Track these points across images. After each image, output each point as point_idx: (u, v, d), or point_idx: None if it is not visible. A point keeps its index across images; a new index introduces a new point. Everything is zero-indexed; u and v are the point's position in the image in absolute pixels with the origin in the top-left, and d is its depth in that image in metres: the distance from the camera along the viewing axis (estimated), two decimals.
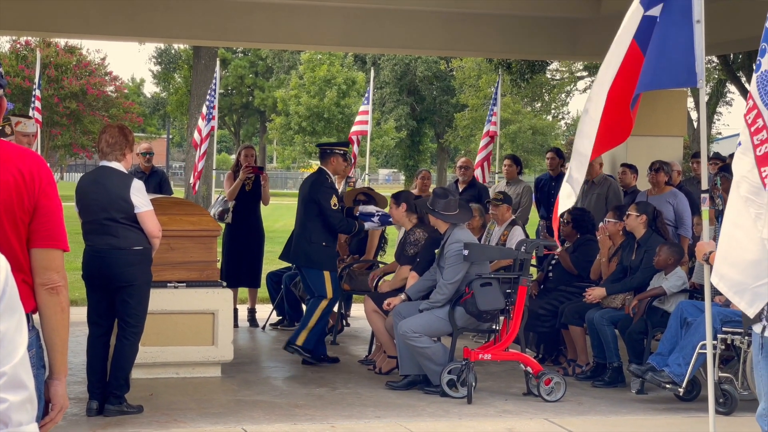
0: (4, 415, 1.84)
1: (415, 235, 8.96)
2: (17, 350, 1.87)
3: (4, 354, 1.85)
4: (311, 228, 9.04)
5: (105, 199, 7.08)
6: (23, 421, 1.87)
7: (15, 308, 1.90)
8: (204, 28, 12.13)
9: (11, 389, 1.85)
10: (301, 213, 9.23)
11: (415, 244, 8.94)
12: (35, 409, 1.90)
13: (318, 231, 9.01)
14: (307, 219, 9.09)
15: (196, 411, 7.43)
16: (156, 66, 59.77)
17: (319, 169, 9.29)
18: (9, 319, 1.88)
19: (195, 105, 26.03)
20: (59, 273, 3.45)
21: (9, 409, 1.85)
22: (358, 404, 7.78)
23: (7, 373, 1.85)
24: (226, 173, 11.60)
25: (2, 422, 1.84)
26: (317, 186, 9.09)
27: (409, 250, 8.99)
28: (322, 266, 9.01)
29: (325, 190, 9.05)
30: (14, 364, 1.86)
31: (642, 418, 7.56)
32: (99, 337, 7.31)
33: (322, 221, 9.01)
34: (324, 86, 47.41)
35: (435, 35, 12.73)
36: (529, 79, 21.52)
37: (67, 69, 38.45)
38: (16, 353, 1.87)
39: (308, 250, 9.05)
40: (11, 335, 1.87)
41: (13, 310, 1.89)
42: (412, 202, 9.06)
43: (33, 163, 3.42)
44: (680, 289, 8.47)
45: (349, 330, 11.31)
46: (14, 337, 1.88)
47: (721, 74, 30.29)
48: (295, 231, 9.37)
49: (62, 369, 3.50)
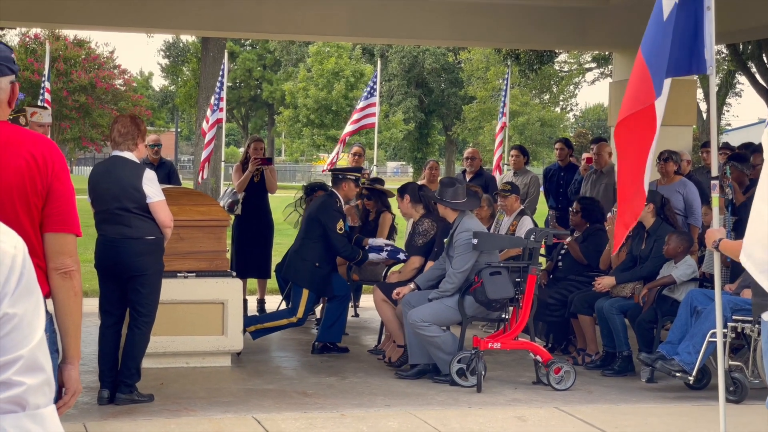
0: (21, 398, 1.85)
1: (423, 226, 8.98)
2: (35, 333, 1.88)
3: (21, 337, 1.85)
4: (308, 246, 9.13)
5: (117, 188, 7.10)
6: (41, 404, 1.87)
7: (32, 291, 1.90)
8: (212, 18, 12.14)
9: (29, 372, 1.85)
10: (303, 231, 9.34)
11: (424, 235, 8.95)
12: (53, 391, 1.91)
13: (314, 251, 9.09)
14: (307, 237, 9.18)
15: (207, 400, 7.45)
16: (164, 59, 59.85)
17: (330, 192, 9.36)
18: (26, 302, 1.88)
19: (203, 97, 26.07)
20: (72, 257, 3.47)
21: (27, 392, 1.85)
22: (368, 393, 7.79)
23: (25, 356, 1.85)
24: (234, 165, 11.62)
25: (20, 405, 1.84)
26: (325, 208, 9.17)
27: (417, 240, 9.00)
28: (305, 284, 9.10)
29: (333, 213, 9.12)
30: (32, 347, 1.86)
31: (652, 407, 7.56)
32: (110, 327, 7.34)
33: (322, 243, 9.09)
34: (332, 79, 47.40)
35: (443, 25, 12.71)
36: (538, 70, 21.49)
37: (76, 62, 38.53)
38: (33, 336, 1.87)
39: (299, 267, 9.16)
40: (29, 318, 1.87)
41: (31, 293, 1.89)
42: (417, 192, 9.07)
43: (45, 148, 3.44)
44: (690, 277, 8.46)
45: (359, 320, 11.32)
46: (32, 320, 1.88)
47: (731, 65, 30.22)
48: (293, 247, 9.49)
49: (75, 353, 3.51)
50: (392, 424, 6.87)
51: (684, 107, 12.94)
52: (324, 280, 9.14)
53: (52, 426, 1.87)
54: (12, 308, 1.83)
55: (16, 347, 1.83)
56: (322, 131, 47.64)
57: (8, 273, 1.84)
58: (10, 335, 1.83)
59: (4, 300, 1.83)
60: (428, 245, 8.94)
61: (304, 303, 9.10)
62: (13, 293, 1.84)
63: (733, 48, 21.67)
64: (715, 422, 6.04)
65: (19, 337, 1.84)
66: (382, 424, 6.87)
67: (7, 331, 1.83)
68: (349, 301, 9.65)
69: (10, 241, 1.88)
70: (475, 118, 47.77)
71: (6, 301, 1.83)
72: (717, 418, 5.91)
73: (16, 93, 3.45)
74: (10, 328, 1.83)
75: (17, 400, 1.83)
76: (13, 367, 1.82)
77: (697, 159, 15.97)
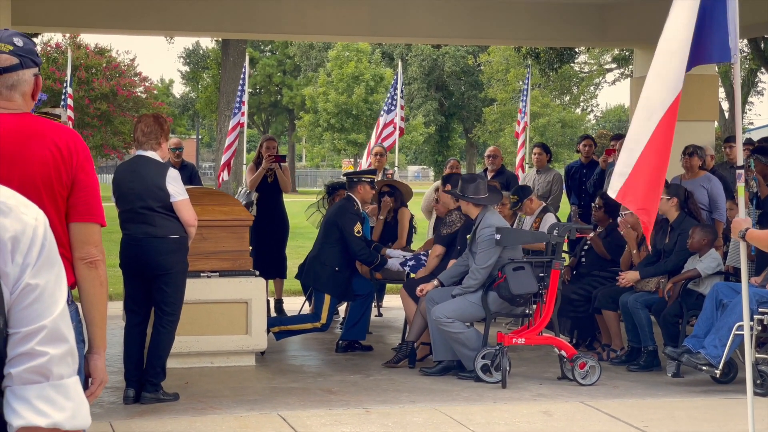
0: (45, 368, 1.86)
1: (451, 217, 8.99)
2: (57, 303, 1.89)
3: (44, 307, 1.87)
4: (327, 251, 9.15)
5: (141, 187, 7.12)
6: (64, 374, 1.88)
7: (54, 262, 1.91)
8: (232, 20, 12.17)
9: (52, 342, 1.86)
10: (321, 236, 9.37)
11: (449, 225, 8.96)
12: (76, 362, 1.91)
13: (333, 255, 9.12)
14: (326, 242, 9.21)
15: (232, 398, 7.46)
16: (184, 66, 60.08)
17: (347, 196, 9.39)
18: (48, 273, 1.89)
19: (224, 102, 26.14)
20: (97, 247, 3.48)
21: (50, 362, 1.86)
22: (393, 390, 7.78)
23: (48, 326, 1.86)
24: (248, 166, 11.63)
25: (44, 375, 1.85)
26: (342, 212, 9.20)
27: (443, 230, 9.02)
28: (326, 289, 9.13)
29: (350, 216, 9.15)
30: (54, 317, 1.87)
31: (678, 401, 7.51)
32: (136, 326, 7.37)
33: (341, 247, 9.11)
34: (352, 83, 47.46)
35: (463, 24, 12.70)
36: (558, 69, 21.44)
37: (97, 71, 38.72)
38: (56, 306, 1.88)
39: (319, 272, 9.19)
40: (51, 288, 1.89)
41: (52, 264, 1.90)
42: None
43: (70, 138, 3.45)
44: (715, 270, 8.41)
45: (382, 320, 11.32)
46: (54, 291, 1.89)
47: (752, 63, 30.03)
48: (312, 253, 9.51)
49: (101, 343, 3.52)
50: (417, 419, 6.86)
51: (707, 102, 12.87)
52: (345, 285, 9.17)
53: (76, 396, 1.88)
54: (34, 279, 1.85)
55: (39, 318, 1.85)
56: (343, 135, 47.69)
57: (30, 244, 1.86)
58: (33, 306, 1.85)
59: (26, 271, 1.85)
60: (451, 237, 8.93)
61: (327, 308, 9.12)
62: (34, 264, 1.86)
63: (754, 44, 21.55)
64: (743, 415, 5.98)
65: (41, 308, 1.85)
66: (408, 419, 6.86)
67: (30, 302, 1.84)
68: (372, 300, 9.65)
69: (31, 213, 1.90)
70: (495, 120, 47.70)
71: (28, 272, 1.85)
72: (744, 412, 5.85)
73: (40, 85, 3.47)
74: (32, 298, 1.85)
75: (41, 370, 1.84)
76: (36, 338, 1.84)
77: (719, 157, 15.87)
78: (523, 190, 10.18)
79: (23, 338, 1.84)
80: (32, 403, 1.83)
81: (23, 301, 1.84)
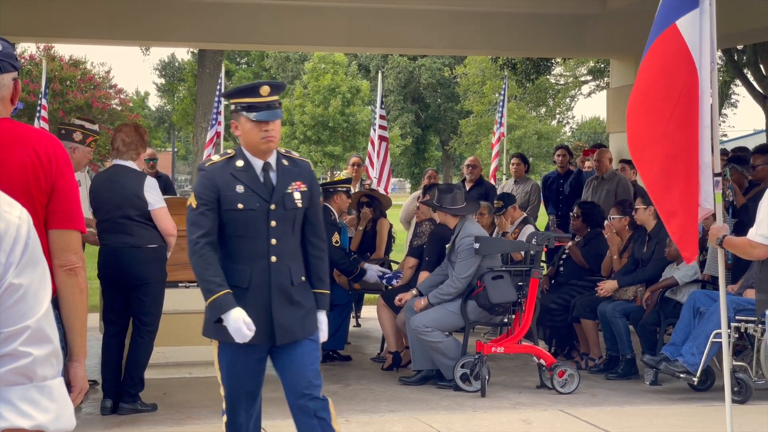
0: (29, 369, 1.82)
1: (422, 227, 9.01)
2: (41, 304, 1.85)
3: (27, 307, 1.83)
4: None
5: (119, 197, 7.09)
6: (48, 375, 1.85)
7: (38, 261, 1.88)
8: (209, 30, 12.15)
9: (36, 343, 1.83)
10: None
11: (419, 236, 8.99)
12: (60, 363, 1.88)
13: None
14: None
15: (210, 408, 7.40)
16: (160, 78, 59.90)
17: (323, 206, 9.39)
18: (32, 272, 1.86)
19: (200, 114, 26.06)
20: (77, 254, 3.45)
21: (34, 363, 1.83)
22: (372, 399, 7.76)
23: (32, 326, 1.83)
24: None
25: (27, 377, 1.82)
26: None
27: (413, 241, 9.04)
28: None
29: (327, 227, 9.12)
30: (38, 317, 1.84)
31: (657, 408, 7.53)
32: (114, 336, 7.32)
33: None
34: (328, 95, 47.46)
35: (440, 34, 12.74)
36: (534, 80, 21.52)
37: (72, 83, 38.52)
38: (40, 307, 1.85)
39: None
40: (35, 288, 1.85)
41: (36, 263, 1.87)
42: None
43: (49, 144, 3.43)
44: (692, 278, 8.45)
45: (361, 330, 11.29)
46: (38, 291, 1.86)
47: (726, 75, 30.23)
48: None
49: (81, 351, 3.50)
50: (397, 429, 6.84)
51: None
52: None
53: (60, 398, 1.85)
54: (17, 279, 1.82)
55: (23, 318, 1.81)
56: (319, 148, 47.65)
57: (13, 243, 1.82)
58: (16, 306, 1.81)
59: (9, 270, 1.81)
60: (421, 248, 8.95)
61: None
62: (18, 263, 1.82)
63: (728, 54, 21.70)
64: (721, 423, 6.01)
65: (25, 308, 1.82)
66: (387, 429, 6.84)
67: (13, 302, 1.81)
68: (350, 309, 9.64)
69: (14, 211, 1.87)
70: (471, 132, 47.81)
71: (11, 271, 1.81)
72: (722, 419, 5.88)
73: (19, 90, 3.44)
74: (16, 298, 1.81)
75: (24, 371, 1.81)
76: (19, 338, 1.80)
77: None
78: (508, 197, 10.24)
79: (6, 339, 1.81)
80: (15, 404, 1.80)
81: (6, 301, 1.81)
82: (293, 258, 4.68)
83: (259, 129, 4.54)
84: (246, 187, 4.57)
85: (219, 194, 4.56)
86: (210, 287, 4.55)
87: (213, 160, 4.67)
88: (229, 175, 4.60)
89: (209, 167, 4.62)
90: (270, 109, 4.57)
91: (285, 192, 4.61)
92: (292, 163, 4.70)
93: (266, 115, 4.55)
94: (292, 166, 4.69)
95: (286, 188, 4.61)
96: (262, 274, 4.61)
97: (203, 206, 4.56)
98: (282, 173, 4.64)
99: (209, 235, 4.56)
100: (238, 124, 4.64)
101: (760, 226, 5.33)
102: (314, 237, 4.79)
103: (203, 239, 4.54)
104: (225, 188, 4.57)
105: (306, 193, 4.68)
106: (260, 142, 4.56)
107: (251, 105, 4.55)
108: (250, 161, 4.62)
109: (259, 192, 4.59)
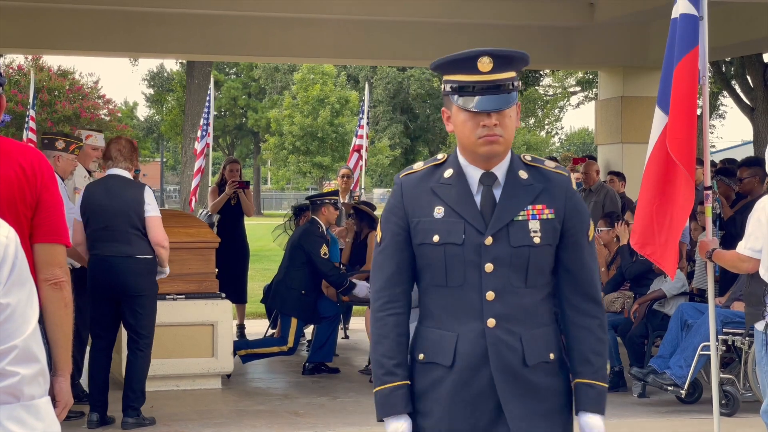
0: (16, 389, 1.82)
1: None
2: (28, 323, 1.85)
3: (15, 327, 1.83)
4: (293, 275, 9.17)
5: (119, 205, 7.04)
6: (36, 395, 1.85)
7: (25, 280, 1.87)
8: (198, 42, 12.15)
9: (23, 362, 1.83)
10: (287, 259, 9.36)
11: None
12: (47, 382, 1.88)
13: (299, 279, 9.14)
14: (291, 266, 9.22)
15: (198, 421, 7.39)
16: (149, 89, 59.87)
17: (311, 219, 9.40)
18: (19, 292, 1.85)
19: (189, 124, 26.02)
20: (62, 268, 3.44)
21: (21, 382, 1.82)
22: (360, 412, 7.74)
23: (19, 346, 1.83)
24: (210, 188, 11.58)
25: (14, 396, 1.82)
26: (307, 235, 9.24)
27: None
28: (293, 313, 9.13)
29: (316, 239, 9.18)
30: (25, 337, 1.84)
31: (644, 421, 7.53)
32: (101, 350, 7.26)
33: (307, 270, 9.13)
34: (317, 106, 47.48)
35: (428, 46, 12.75)
36: (523, 91, 21.59)
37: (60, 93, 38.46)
38: (27, 326, 1.85)
39: (285, 296, 9.20)
40: (22, 308, 1.85)
41: (23, 283, 1.87)
42: None
43: (34, 158, 3.42)
44: (680, 291, 8.46)
45: (349, 342, 11.27)
46: (25, 310, 1.85)
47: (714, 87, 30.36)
48: (277, 277, 9.50)
49: (66, 366, 3.47)
50: None
51: None
52: (311, 308, 9.18)
53: (47, 417, 1.85)
54: (5, 298, 1.81)
55: (10, 337, 1.81)
56: (308, 158, 47.65)
57: (0, 263, 1.82)
58: (4, 325, 1.81)
59: None
60: None
61: (294, 331, 9.12)
62: (5, 283, 1.82)
63: (716, 66, 21.80)
64: None
65: (12, 328, 1.81)
66: None
67: (1, 322, 1.80)
68: (339, 322, 9.64)
69: (2, 231, 1.86)
70: None
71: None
72: (711, 431, 5.88)
73: (4, 104, 3.43)
74: (3, 318, 1.81)
75: (12, 390, 1.80)
76: (7, 358, 1.80)
77: None
78: None
79: None
80: (3, 424, 1.80)
81: None
82: (526, 323, 3.00)
83: (475, 123, 2.97)
84: (448, 209, 3.01)
85: (408, 220, 3.04)
86: (378, 372, 3.05)
87: (413, 168, 3.13)
88: (429, 190, 3.04)
89: (404, 178, 3.10)
90: (494, 92, 2.96)
91: (512, 219, 2.99)
92: (535, 176, 3.06)
93: (487, 102, 2.96)
94: (535, 179, 3.05)
95: (516, 213, 3.00)
96: (474, 346, 2.98)
97: (388, 239, 3.07)
98: (512, 189, 3.03)
99: (394, 286, 3.05)
100: (450, 114, 3.05)
101: (748, 239, 5.34)
102: (577, 295, 3.06)
103: (384, 294, 3.05)
104: (418, 211, 3.03)
105: (552, 222, 3.02)
106: (477, 143, 2.97)
107: (464, 85, 2.99)
108: (464, 170, 3.04)
109: (467, 217, 3.00)
